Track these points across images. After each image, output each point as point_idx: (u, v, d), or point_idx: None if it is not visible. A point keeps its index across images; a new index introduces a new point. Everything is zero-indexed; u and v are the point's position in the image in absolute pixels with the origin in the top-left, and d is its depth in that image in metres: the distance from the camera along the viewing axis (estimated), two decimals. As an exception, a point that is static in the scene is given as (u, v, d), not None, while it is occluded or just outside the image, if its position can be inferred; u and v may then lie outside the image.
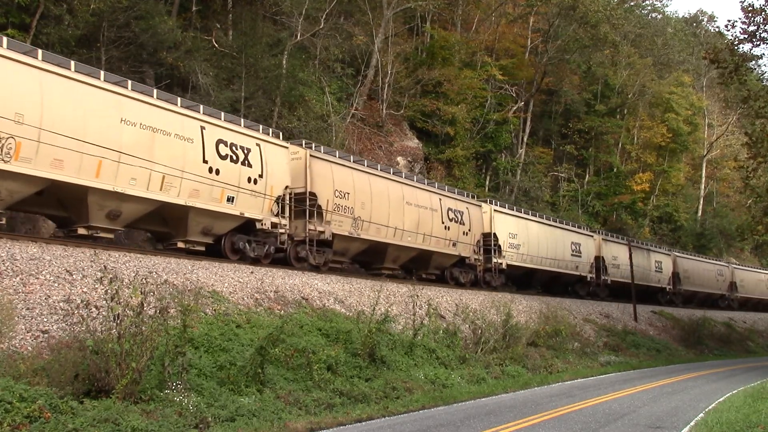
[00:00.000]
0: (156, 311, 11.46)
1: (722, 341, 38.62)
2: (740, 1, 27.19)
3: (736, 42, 27.75)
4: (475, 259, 28.16)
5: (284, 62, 29.79)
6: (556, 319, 26.29)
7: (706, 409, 14.26)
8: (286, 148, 20.72)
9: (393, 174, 25.04)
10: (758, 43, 27.42)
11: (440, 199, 26.65)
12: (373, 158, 32.14)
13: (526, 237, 31.29)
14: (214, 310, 14.75)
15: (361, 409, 12.96)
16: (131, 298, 11.07)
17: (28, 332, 11.16)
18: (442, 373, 17.20)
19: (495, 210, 29.91)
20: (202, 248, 18.61)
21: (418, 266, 26.54)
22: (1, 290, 11.53)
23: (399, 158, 36.36)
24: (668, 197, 60.36)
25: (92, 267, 13.37)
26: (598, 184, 54.15)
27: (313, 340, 15.29)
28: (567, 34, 46.40)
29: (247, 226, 19.25)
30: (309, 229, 20.73)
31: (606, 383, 19.68)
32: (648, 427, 12.08)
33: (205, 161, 17.73)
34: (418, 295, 19.62)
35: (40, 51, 14.91)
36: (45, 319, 11.61)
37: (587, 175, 54.95)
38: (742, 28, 27.39)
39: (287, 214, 20.26)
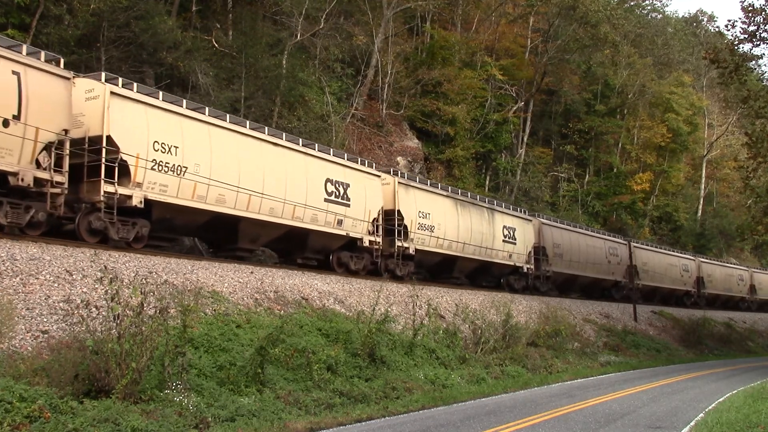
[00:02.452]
0: (156, 311, 11.47)
1: (722, 341, 38.64)
2: (740, 1, 27.18)
3: (736, 42, 27.72)
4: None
5: (284, 62, 29.78)
6: (556, 319, 26.29)
7: (706, 409, 14.25)
8: None
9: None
10: (758, 43, 27.40)
11: None
12: (373, 158, 32.11)
13: (212, 156, 17.99)
14: (214, 310, 14.75)
15: (361, 409, 12.97)
16: (131, 298, 11.09)
17: (28, 332, 11.16)
18: (442, 373, 17.20)
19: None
20: None
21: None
22: (1, 290, 11.53)
23: (399, 158, 36.35)
24: (668, 197, 60.35)
25: (92, 267, 13.37)
26: (598, 184, 54.14)
27: (313, 340, 15.30)
28: (567, 34, 46.37)
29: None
30: None
31: (606, 383, 19.69)
32: (648, 427, 12.07)
33: None
34: (417, 295, 19.65)
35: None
36: (45, 319, 11.61)
37: (587, 175, 54.92)
38: (742, 28, 27.38)
39: None
